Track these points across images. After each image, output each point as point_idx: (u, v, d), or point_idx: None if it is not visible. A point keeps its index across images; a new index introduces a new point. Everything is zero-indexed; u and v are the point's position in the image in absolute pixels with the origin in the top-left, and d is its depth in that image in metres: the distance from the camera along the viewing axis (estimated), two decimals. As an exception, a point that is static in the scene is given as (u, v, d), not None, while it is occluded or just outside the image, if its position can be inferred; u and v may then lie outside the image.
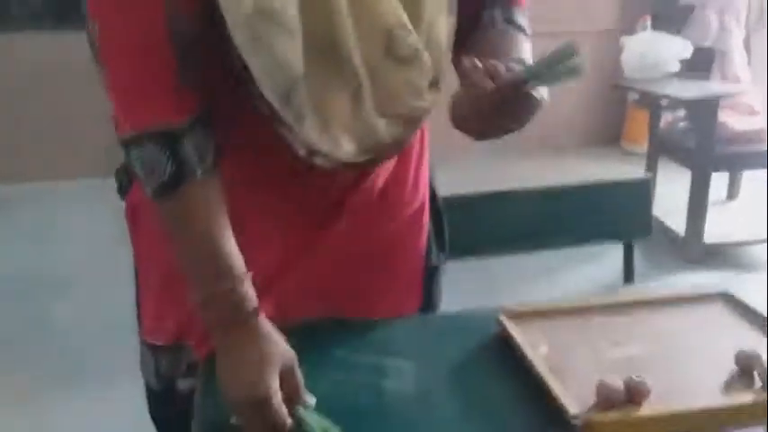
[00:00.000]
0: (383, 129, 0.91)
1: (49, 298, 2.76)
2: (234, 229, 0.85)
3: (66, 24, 3.78)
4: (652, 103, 3.22)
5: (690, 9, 3.33)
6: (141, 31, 0.80)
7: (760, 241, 2.90)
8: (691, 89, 2.83)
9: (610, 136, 4.72)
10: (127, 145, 0.81)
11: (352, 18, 0.88)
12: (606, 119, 4.70)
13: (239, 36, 0.83)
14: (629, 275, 1.60)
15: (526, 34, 1.01)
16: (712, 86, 2.85)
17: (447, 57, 0.98)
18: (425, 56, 0.92)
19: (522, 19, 1.02)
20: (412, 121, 0.94)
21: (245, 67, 0.84)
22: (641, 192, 1.60)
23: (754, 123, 3.03)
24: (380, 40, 0.89)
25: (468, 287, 1.82)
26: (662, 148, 3.24)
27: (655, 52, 3.23)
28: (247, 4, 0.82)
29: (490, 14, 1.02)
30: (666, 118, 3.28)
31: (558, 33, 4.38)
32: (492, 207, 1.53)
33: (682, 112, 3.21)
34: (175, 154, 0.80)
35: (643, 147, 3.88)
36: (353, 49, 0.88)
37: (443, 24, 0.95)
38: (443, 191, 1.14)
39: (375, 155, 0.91)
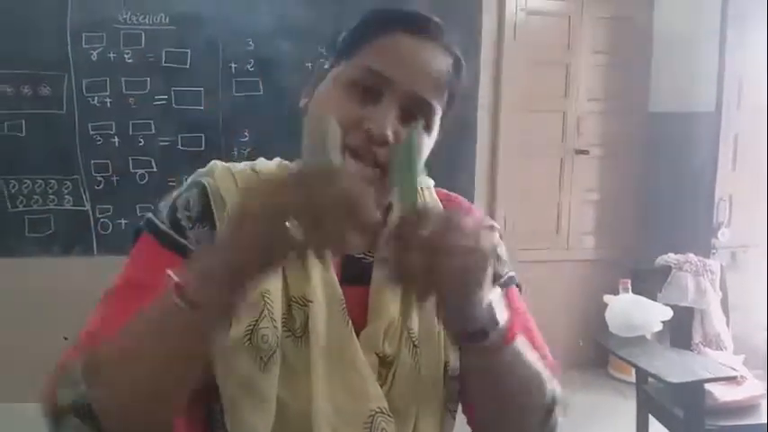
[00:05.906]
0: None
1: None
2: None
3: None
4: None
5: (667, 270, 3.50)
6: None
7: None
8: (676, 367, 2.90)
9: (598, 360, 4.78)
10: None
11: (331, 401, 0.89)
12: (595, 345, 4.77)
13: (222, 396, 0.88)
14: None
15: None
16: (697, 365, 2.94)
17: None
18: None
19: None
20: None
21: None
22: None
23: (739, 393, 3.09)
24: (362, 425, 0.90)
25: None
26: (650, 406, 3.28)
27: (637, 315, 3.36)
28: (228, 371, 0.87)
29: None
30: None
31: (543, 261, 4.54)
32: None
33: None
34: None
35: (631, 375, 3.92)
36: None
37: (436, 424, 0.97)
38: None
39: None
